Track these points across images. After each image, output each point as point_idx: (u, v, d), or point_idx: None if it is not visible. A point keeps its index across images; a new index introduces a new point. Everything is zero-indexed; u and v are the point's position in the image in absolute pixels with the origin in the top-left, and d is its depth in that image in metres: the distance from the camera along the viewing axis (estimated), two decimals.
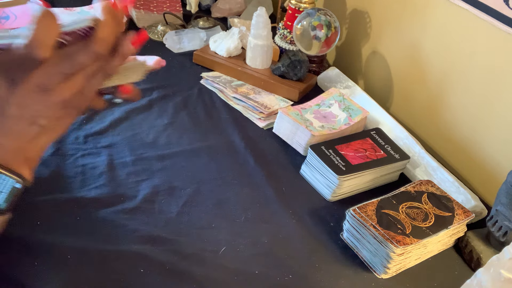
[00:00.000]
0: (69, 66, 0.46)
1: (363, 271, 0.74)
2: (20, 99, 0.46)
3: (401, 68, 1.14)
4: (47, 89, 0.46)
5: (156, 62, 0.58)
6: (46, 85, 0.46)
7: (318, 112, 1.02)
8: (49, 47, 0.44)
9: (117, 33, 0.48)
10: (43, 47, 0.44)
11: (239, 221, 0.79)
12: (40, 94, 0.46)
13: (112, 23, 0.47)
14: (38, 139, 0.49)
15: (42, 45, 0.44)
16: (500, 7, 0.84)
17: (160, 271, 0.68)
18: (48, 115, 0.48)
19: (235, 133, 0.99)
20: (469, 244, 0.79)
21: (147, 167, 0.87)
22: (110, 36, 0.47)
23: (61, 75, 0.46)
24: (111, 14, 0.46)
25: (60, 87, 0.47)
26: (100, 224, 0.74)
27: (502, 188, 0.75)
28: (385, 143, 0.94)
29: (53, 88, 0.46)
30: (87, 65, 0.47)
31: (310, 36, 1.10)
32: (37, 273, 0.64)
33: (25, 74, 0.45)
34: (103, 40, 0.46)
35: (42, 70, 0.45)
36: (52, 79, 0.46)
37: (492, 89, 0.90)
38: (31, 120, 0.47)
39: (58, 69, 0.46)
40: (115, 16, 0.47)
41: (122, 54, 0.49)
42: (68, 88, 0.47)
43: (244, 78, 1.15)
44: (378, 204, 0.77)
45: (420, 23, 1.05)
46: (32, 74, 0.45)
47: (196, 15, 1.39)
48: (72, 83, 0.47)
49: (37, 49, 0.44)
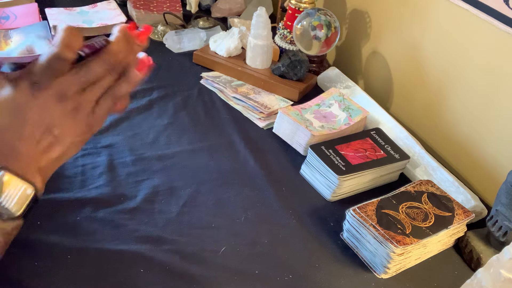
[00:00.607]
0: (85, 76, 0.49)
1: (363, 271, 0.74)
2: (40, 105, 0.48)
3: (401, 68, 1.14)
4: (65, 97, 0.49)
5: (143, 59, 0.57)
6: (64, 93, 0.49)
7: (318, 112, 1.02)
8: (74, 49, 0.48)
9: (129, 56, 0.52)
10: (69, 48, 0.47)
11: (239, 221, 0.79)
12: (58, 102, 0.49)
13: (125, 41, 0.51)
14: (51, 151, 0.50)
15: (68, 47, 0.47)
16: (500, 7, 0.84)
17: (160, 271, 0.68)
18: (61, 125, 0.50)
19: (235, 133, 0.99)
20: (469, 244, 0.79)
21: (147, 167, 0.87)
22: (122, 52, 0.51)
23: (78, 85, 0.49)
24: (124, 34, 0.51)
25: (76, 97, 0.50)
26: (100, 224, 0.74)
27: (502, 188, 0.75)
28: (385, 143, 0.94)
29: (69, 97, 0.49)
30: (101, 76, 0.50)
31: (310, 36, 1.10)
32: (37, 273, 0.65)
33: (47, 81, 0.48)
34: (113, 52, 0.50)
35: (62, 77, 0.48)
36: (70, 88, 0.49)
37: (492, 89, 0.90)
38: (46, 127, 0.49)
39: (76, 78, 0.49)
40: (129, 37, 0.51)
41: (130, 78, 0.52)
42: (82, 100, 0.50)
43: (244, 78, 1.15)
44: (378, 204, 0.77)
45: (420, 23, 1.05)
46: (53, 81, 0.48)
47: (196, 15, 1.39)
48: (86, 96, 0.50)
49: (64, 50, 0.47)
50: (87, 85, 0.50)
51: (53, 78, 0.48)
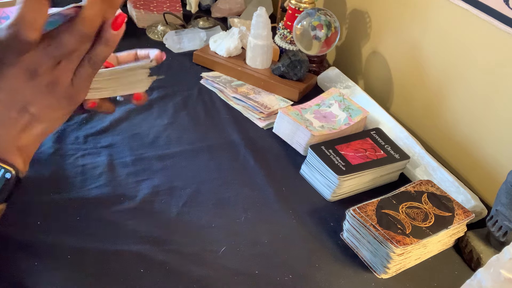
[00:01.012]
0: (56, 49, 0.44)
1: (363, 271, 0.74)
2: (9, 83, 0.45)
3: (401, 68, 1.14)
4: (36, 74, 0.45)
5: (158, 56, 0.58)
6: (35, 69, 0.45)
7: (318, 112, 1.02)
8: (38, 30, 0.42)
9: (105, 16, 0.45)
10: (31, 29, 0.41)
11: (239, 221, 0.79)
12: (29, 79, 0.45)
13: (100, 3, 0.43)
14: (31, 129, 0.47)
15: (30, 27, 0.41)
16: (500, 7, 0.84)
17: (160, 271, 0.68)
18: (38, 102, 0.46)
19: (235, 133, 0.99)
20: (469, 244, 0.79)
21: (147, 167, 0.87)
22: (96, 16, 0.44)
23: (49, 59, 0.45)
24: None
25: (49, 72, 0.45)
26: (100, 224, 0.74)
27: (502, 188, 0.75)
28: (385, 143, 0.94)
29: (42, 73, 0.45)
30: (74, 48, 0.45)
31: (310, 36, 1.10)
32: (37, 273, 0.65)
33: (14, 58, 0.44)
34: (88, 19, 0.43)
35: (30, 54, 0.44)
36: (41, 63, 0.45)
37: (492, 89, 0.90)
38: (21, 106, 0.46)
39: (46, 54, 0.44)
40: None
41: (105, 40, 0.46)
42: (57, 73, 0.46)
43: (244, 78, 1.15)
44: (378, 204, 0.77)
45: (420, 23, 1.05)
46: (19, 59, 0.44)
47: (196, 15, 1.39)
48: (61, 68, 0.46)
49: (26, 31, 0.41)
50: (60, 58, 0.45)
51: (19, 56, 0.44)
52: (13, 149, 0.47)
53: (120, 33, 0.47)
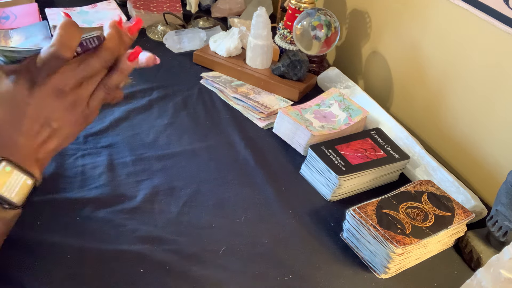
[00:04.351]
0: (83, 71, 0.52)
1: (363, 271, 0.74)
2: (38, 100, 0.50)
3: (401, 68, 1.14)
4: (62, 92, 0.51)
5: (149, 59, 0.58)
6: (62, 88, 0.51)
7: (318, 112, 1.02)
8: (72, 49, 0.50)
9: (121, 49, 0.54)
10: (68, 48, 0.49)
11: (239, 221, 0.79)
12: (56, 97, 0.51)
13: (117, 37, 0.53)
14: (49, 142, 0.53)
15: (67, 47, 0.49)
16: (500, 7, 0.84)
17: (160, 271, 0.68)
18: (60, 118, 0.52)
19: (235, 133, 0.99)
20: (469, 244, 0.79)
21: (147, 167, 0.87)
22: (116, 48, 0.53)
23: (75, 80, 0.52)
24: (116, 30, 0.53)
25: (73, 91, 0.52)
26: (100, 224, 0.74)
27: (502, 188, 0.75)
28: (385, 143, 0.94)
29: (67, 92, 0.52)
30: (98, 71, 0.53)
31: (310, 36, 1.10)
32: (37, 273, 0.65)
33: (45, 77, 0.50)
34: (110, 49, 0.52)
35: (59, 74, 0.50)
36: (68, 83, 0.51)
37: (492, 89, 0.90)
38: (44, 121, 0.51)
39: (74, 75, 0.51)
40: (119, 32, 0.53)
41: (121, 69, 0.54)
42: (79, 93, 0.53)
43: (244, 78, 1.15)
44: (378, 204, 0.77)
45: (420, 23, 1.05)
46: (51, 77, 0.50)
47: (196, 15, 1.39)
48: (82, 89, 0.53)
49: (63, 51, 0.49)
50: (83, 80, 0.52)
51: (51, 75, 0.50)
52: (33, 160, 0.52)
53: (134, 64, 0.55)
